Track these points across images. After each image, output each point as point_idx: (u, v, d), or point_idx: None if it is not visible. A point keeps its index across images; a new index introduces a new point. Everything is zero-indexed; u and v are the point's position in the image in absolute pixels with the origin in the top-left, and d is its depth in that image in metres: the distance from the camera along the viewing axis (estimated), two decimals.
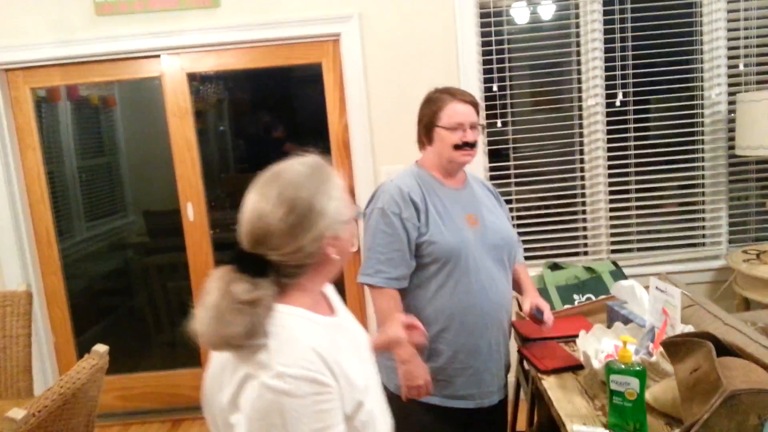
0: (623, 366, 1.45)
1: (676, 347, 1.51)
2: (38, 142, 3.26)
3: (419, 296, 1.85)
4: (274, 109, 4.14)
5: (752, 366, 1.36)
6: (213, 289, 1.02)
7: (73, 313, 3.41)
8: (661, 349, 1.55)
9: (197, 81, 3.42)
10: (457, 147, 1.83)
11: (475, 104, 1.89)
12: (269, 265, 1.05)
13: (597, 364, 1.62)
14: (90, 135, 4.04)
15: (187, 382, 3.46)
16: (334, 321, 1.17)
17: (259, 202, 1.06)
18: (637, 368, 1.44)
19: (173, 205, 3.33)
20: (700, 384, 1.39)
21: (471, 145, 1.85)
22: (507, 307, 1.91)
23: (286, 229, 1.04)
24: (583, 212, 3.27)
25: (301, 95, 3.92)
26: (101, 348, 1.66)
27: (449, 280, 1.81)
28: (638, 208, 3.25)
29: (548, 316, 1.88)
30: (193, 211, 3.29)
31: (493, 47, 3.12)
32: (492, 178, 3.21)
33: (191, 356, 3.45)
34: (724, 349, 1.47)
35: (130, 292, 3.98)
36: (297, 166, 1.10)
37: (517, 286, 2.06)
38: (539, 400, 2.20)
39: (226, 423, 1.05)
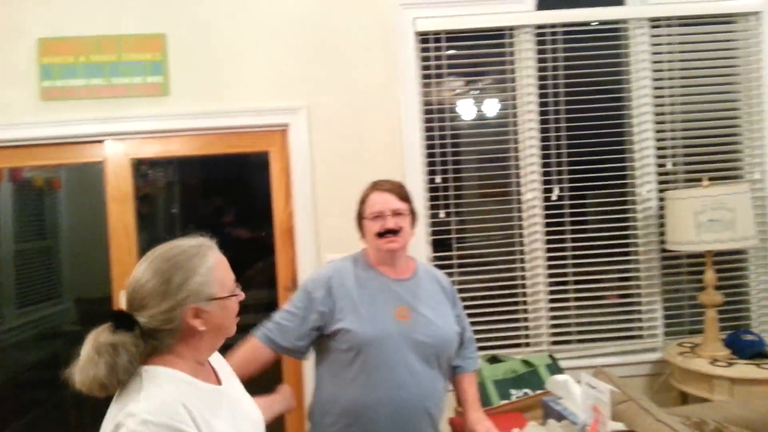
0: None
1: None
2: None
3: (334, 385, 1.84)
4: (225, 193, 4.14)
5: None
6: (86, 342, 1.18)
7: None
8: None
9: (146, 165, 3.41)
10: (379, 235, 1.86)
11: (397, 191, 1.92)
12: (137, 325, 1.17)
13: None
14: (31, 218, 3.93)
15: None
16: (217, 389, 1.27)
17: (137, 270, 1.23)
18: None
19: (107, 292, 3.21)
20: None
21: (394, 232, 1.86)
22: (430, 407, 1.85)
23: (148, 293, 1.19)
24: (524, 303, 3.31)
25: (252, 180, 3.94)
26: None
27: (363, 372, 1.78)
28: (577, 300, 3.30)
29: None
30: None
31: (437, 141, 3.24)
32: (436, 267, 3.24)
33: None
34: None
35: (57, 384, 3.74)
36: (176, 243, 1.27)
37: (459, 399, 2.03)
38: None
39: None
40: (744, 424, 2.23)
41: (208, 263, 1.25)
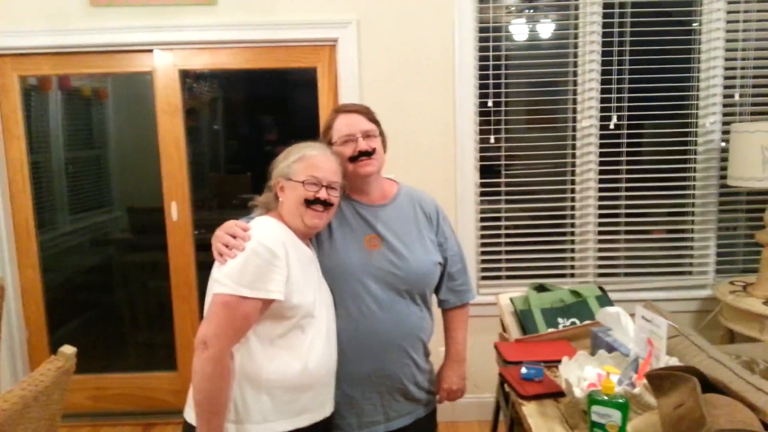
0: (606, 397, 1.41)
1: (660, 381, 1.48)
2: (23, 131, 3.20)
3: None
4: (268, 111, 4.10)
5: (737, 404, 1.33)
6: None
7: (48, 308, 3.33)
8: (644, 381, 1.52)
9: (191, 78, 3.37)
10: (352, 159, 1.73)
11: (364, 112, 1.80)
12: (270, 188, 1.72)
13: (579, 392, 1.57)
14: (80, 126, 3.97)
15: (162, 385, 3.39)
16: (310, 254, 1.68)
17: None
18: (620, 400, 1.41)
19: (158, 203, 3.27)
20: (684, 421, 1.35)
21: (368, 154, 1.73)
22: (400, 339, 1.77)
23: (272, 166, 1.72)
24: (572, 234, 3.25)
25: (296, 98, 3.88)
26: (68, 350, 1.59)
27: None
28: (627, 233, 3.23)
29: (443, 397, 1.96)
30: (177, 210, 3.23)
31: (491, 62, 3.10)
32: (482, 194, 3.19)
33: (167, 359, 3.38)
34: (709, 385, 1.44)
35: (109, 289, 3.89)
36: (301, 142, 1.73)
37: (445, 340, 1.98)
38: (518, 425, 2.15)
39: None
40: None
41: (297, 154, 1.66)
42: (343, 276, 1.72)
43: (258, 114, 4.18)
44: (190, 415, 1.55)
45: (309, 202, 1.61)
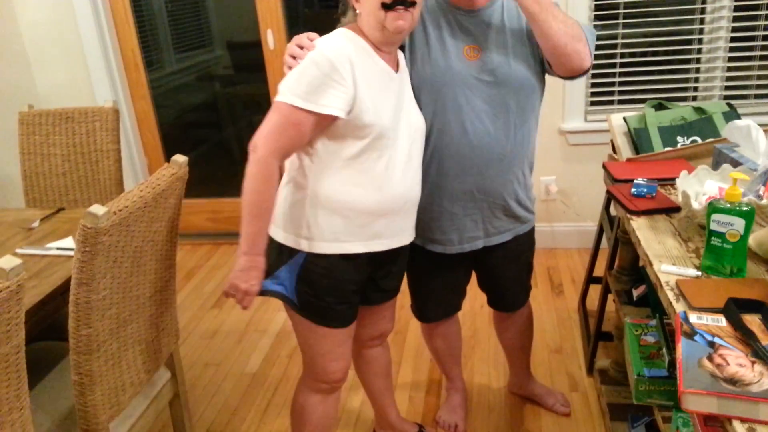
0: (728, 205, 1.31)
1: None
2: None
3: None
4: None
5: None
6: None
7: (164, 139, 3.53)
8: None
9: None
10: None
11: None
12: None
13: (697, 205, 1.47)
14: None
15: None
16: (388, 71, 1.52)
17: None
18: (745, 208, 1.30)
19: (256, 36, 3.25)
20: None
21: None
22: (502, 154, 1.68)
23: None
24: (699, 52, 2.92)
25: None
26: (180, 158, 1.67)
27: (427, 115, 1.64)
28: (763, 49, 2.85)
29: None
30: (273, 38, 3.20)
31: None
32: (597, 18, 2.88)
33: None
34: None
35: (217, 124, 4.04)
36: None
37: None
38: (623, 244, 2.10)
39: None
40: None
41: None
42: (442, 89, 1.62)
43: None
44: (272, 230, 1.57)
45: (387, 6, 1.43)
